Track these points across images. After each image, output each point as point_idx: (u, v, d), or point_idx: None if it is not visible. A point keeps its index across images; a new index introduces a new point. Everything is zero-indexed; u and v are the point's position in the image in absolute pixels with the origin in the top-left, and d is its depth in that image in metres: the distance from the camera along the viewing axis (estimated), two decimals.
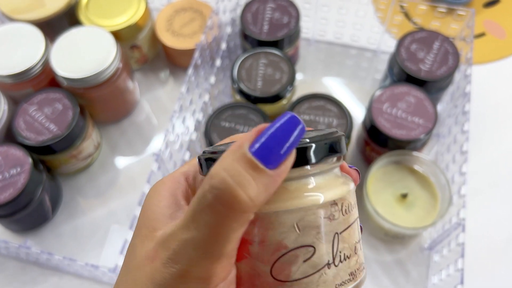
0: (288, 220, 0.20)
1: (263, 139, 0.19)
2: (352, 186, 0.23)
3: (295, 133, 0.19)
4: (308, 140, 0.21)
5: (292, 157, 0.20)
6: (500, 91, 0.68)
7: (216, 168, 0.19)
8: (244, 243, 0.21)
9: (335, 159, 0.22)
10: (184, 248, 0.19)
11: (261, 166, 0.19)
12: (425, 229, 0.54)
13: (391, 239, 0.56)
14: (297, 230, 0.21)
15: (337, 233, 0.21)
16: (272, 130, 0.19)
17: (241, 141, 0.19)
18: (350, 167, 0.25)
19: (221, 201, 0.18)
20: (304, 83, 0.69)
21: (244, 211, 0.19)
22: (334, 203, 0.21)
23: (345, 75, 0.70)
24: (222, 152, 0.20)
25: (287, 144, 0.19)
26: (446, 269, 0.50)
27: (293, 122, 0.19)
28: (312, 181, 0.21)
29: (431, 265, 0.55)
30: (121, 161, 0.65)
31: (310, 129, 0.25)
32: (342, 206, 0.22)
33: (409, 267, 0.56)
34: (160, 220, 0.22)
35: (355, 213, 0.23)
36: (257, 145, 0.19)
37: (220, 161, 0.19)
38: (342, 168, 0.24)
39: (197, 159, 0.23)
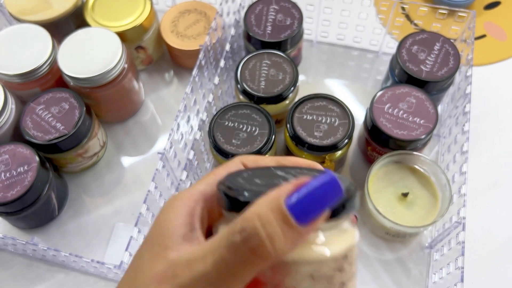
0: (305, 270, 0.21)
1: (300, 196, 0.19)
2: (357, 236, 0.24)
3: (333, 197, 0.20)
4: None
5: (323, 217, 0.20)
6: (500, 92, 0.69)
7: (250, 212, 0.20)
8: (257, 284, 0.22)
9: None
10: (196, 280, 0.20)
11: (293, 222, 0.19)
12: (426, 228, 0.54)
13: (392, 237, 0.57)
14: (311, 280, 0.22)
15: (343, 282, 0.23)
16: (311, 189, 0.19)
17: (279, 193, 0.20)
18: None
19: (247, 246, 0.19)
20: (307, 83, 0.70)
21: (266, 260, 0.19)
22: (345, 256, 0.22)
23: (347, 76, 0.71)
24: (242, 191, 0.21)
25: (323, 207, 0.20)
26: (446, 267, 0.50)
27: (333, 186, 0.20)
28: (330, 234, 0.22)
29: (432, 264, 0.56)
30: (126, 160, 0.66)
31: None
32: (350, 258, 0.23)
33: (410, 265, 0.57)
34: (174, 239, 0.22)
35: (356, 262, 0.24)
36: (293, 200, 0.19)
37: (255, 206, 0.20)
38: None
39: (218, 189, 0.24)
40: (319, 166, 0.27)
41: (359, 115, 0.65)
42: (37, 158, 0.54)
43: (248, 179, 0.24)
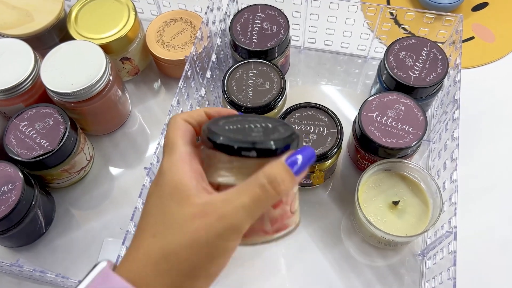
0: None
1: (296, 160, 0.31)
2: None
3: (311, 161, 0.31)
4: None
5: (305, 172, 0.32)
6: (490, 94, 0.68)
7: (268, 168, 0.30)
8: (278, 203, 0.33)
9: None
10: (237, 210, 0.29)
11: (292, 173, 0.30)
12: (417, 237, 0.54)
13: (384, 246, 0.57)
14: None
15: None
16: (302, 156, 0.31)
17: (283, 157, 0.30)
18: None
19: (271, 185, 0.29)
20: (296, 90, 0.69)
21: (280, 195, 0.30)
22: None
23: (336, 81, 0.70)
24: (219, 135, 0.31)
25: (306, 166, 0.31)
26: (439, 276, 0.50)
27: (312, 155, 0.32)
28: None
29: (425, 272, 0.56)
30: (115, 173, 0.65)
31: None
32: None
33: (403, 273, 0.57)
34: (193, 191, 0.30)
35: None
36: (291, 162, 0.30)
37: (270, 165, 0.30)
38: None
39: (203, 132, 0.33)
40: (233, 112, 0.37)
41: (350, 119, 0.65)
42: (21, 176, 0.53)
43: (223, 125, 0.32)
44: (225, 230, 0.29)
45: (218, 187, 0.32)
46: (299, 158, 0.31)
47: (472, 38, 0.73)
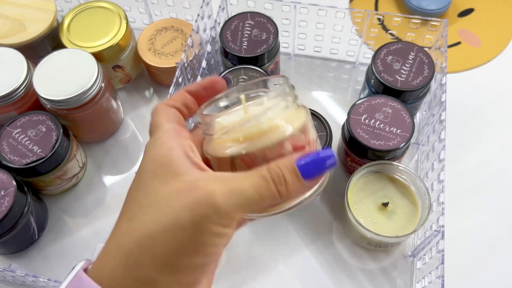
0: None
1: (308, 161, 0.27)
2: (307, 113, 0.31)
3: (329, 167, 0.27)
4: None
5: (321, 179, 0.28)
6: (476, 98, 0.70)
7: (273, 164, 0.26)
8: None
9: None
10: (233, 191, 0.25)
11: (300, 176, 0.26)
12: (407, 238, 0.55)
13: (375, 247, 0.57)
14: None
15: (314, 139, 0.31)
16: (316, 158, 0.27)
17: (294, 155, 0.27)
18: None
19: (274, 181, 0.26)
20: None
21: (280, 198, 0.26)
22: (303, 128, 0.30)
23: (326, 88, 0.71)
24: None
25: (321, 171, 0.27)
26: (428, 276, 0.51)
27: (332, 159, 0.27)
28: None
29: (415, 272, 0.56)
30: (107, 180, 0.65)
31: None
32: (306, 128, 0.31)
33: (394, 274, 0.57)
34: (183, 166, 0.26)
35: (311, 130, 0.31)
36: (303, 163, 0.27)
37: (280, 161, 0.26)
38: None
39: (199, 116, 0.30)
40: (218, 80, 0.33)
41: (340, 124, 0.66)
42: (14, 183, 0.53)
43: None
44: (211, 209, 0.24)
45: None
46: (312, 160, 0.27)
47: (458, 43, 0.74)
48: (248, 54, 0.62)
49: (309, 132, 0.30)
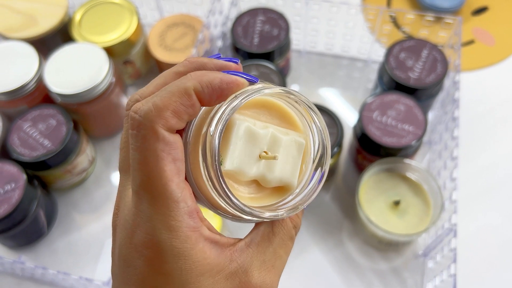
0: None
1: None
2: None
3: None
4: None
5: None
6: (490, 97, 0.69)
7: (293, 218, 0.27)
8: None
9: None
10: (280, 268, 0.26)
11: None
12: (418, 236, 0.54)
13: (386, 247, 0.56)
14: None
15: None
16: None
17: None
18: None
19: (295, 232, 0.27)
20: None
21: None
22: None
23: (338, 85, 0.70)
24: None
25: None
26: (440, 275, 0.50)
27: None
28: None
29: (426, 272, 0.55)
30: (116, 176, 0.65)
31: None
32: None
33: (405, 274, 0.56)
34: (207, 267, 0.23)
35: None
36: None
37: (290, 219, 0.27)
38: None
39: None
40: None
41: (351, 124, 0.65)
42: (24, 176, 0.53)
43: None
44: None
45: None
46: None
47: (472, 41, 0.73)
48: (259, 50, 0.61)
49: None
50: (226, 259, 0.23)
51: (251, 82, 0.25)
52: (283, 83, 0.58)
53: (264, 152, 0.26)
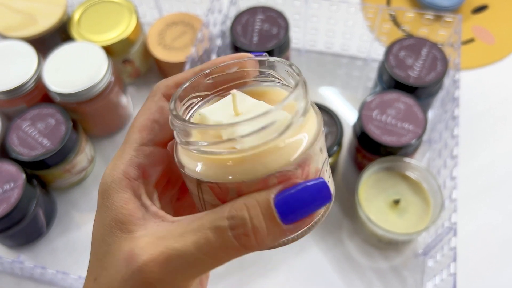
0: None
1: (289, 195, 0.19)
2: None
3: (321, 203, 0.20)
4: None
5: (308, 220, 0.20)
6: (490, 95, 0.68)
7: (241, 202, 0.20)
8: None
9: None
10: (173, 257, 0.20)
11: (278, 220, 0.20)
12: (417, 235, 0.54)
13: (385, 245, 0.56)
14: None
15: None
16: (300, 189, 0.20)
17: (271, 189, 0.20)
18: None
19: (234, 232, 0.20)
20: None
21: (247, 250, 0.20)
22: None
23: (337, 84, 0.70)
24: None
25: (309, 210, 0.20)
26: (440, 274, 0.50)
27: (323, 192, 0.20)
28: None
29: (426, 271, 0.55)
30: None
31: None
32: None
33: (405, 273, 0.56)
34: (135, 222, 0.22)
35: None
36: (282, 199, 0.20)
37: (247, 198, 0.20)
38: None
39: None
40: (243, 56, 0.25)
41: (350, 123, 0.65)
42: (23, 175, 0.53)
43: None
44: (143, 285, 0.20)
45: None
46: (295, 193, 0.19)
47: (472, 40, 0.73)
48: (258, 48, 0.61)
49: (312, 160, 0.21)
50: (139, 218, 0.22)
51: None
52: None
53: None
